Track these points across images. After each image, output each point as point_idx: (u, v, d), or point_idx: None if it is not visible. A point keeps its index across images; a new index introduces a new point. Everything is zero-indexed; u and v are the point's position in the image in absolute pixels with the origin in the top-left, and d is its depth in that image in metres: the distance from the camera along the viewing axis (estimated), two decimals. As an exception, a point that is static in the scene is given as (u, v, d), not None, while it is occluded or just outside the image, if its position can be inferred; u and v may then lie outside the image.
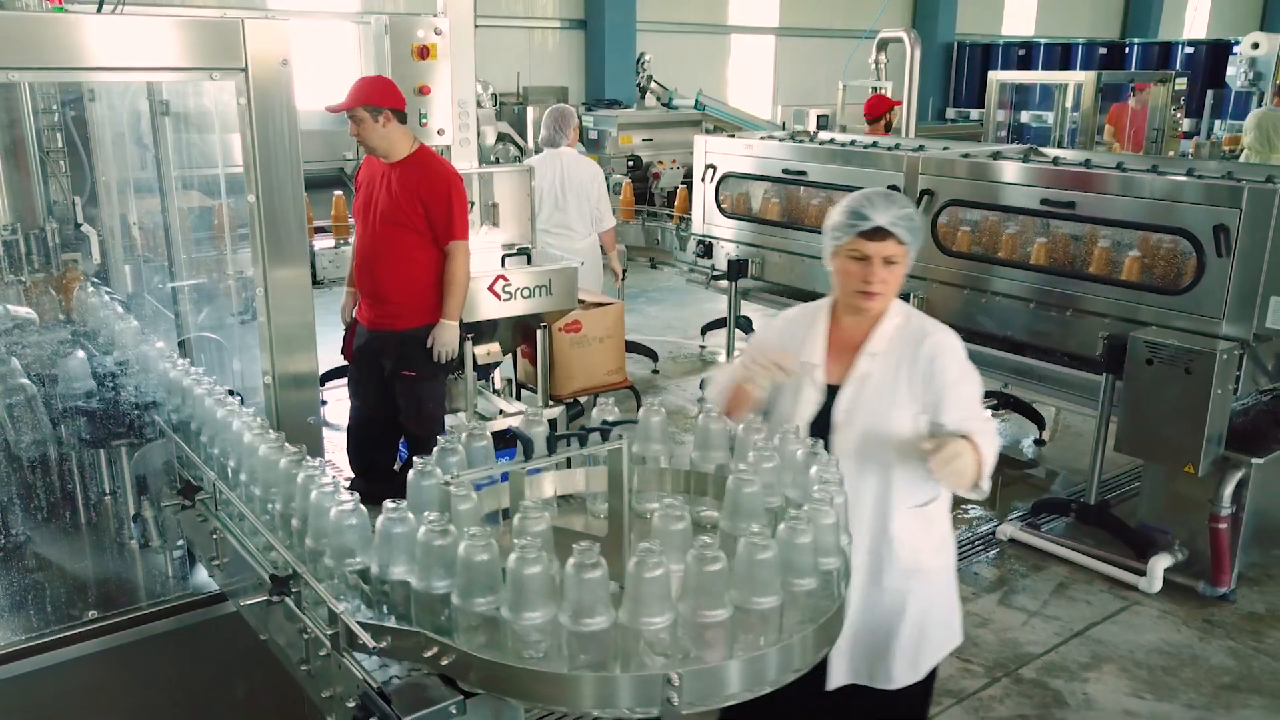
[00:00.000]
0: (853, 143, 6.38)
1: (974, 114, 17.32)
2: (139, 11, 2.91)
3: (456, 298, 4.33)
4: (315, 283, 6.10)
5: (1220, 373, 3.99)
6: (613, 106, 13.34)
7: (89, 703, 2.56)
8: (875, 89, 9.05)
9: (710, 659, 1.74)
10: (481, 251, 4.78)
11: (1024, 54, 17.02)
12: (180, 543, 2.74)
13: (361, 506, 1.95)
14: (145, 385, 2.81)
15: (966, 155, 5.32)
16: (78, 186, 4.11)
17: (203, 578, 2.67)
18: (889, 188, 5.16)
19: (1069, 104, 11.41)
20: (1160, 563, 4.36)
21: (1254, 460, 4.15)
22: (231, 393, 2.61)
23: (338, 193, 6.64)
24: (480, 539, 1.75)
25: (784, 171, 6.02)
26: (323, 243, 6.06)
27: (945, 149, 5.69)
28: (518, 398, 5.67)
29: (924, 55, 17.86)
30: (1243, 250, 4.07)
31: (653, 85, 14.21)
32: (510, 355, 5.56)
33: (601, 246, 6.34)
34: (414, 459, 2.03)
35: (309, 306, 2.76)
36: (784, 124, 12.55)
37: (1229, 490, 4.16)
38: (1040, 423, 6.10)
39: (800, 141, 6.45)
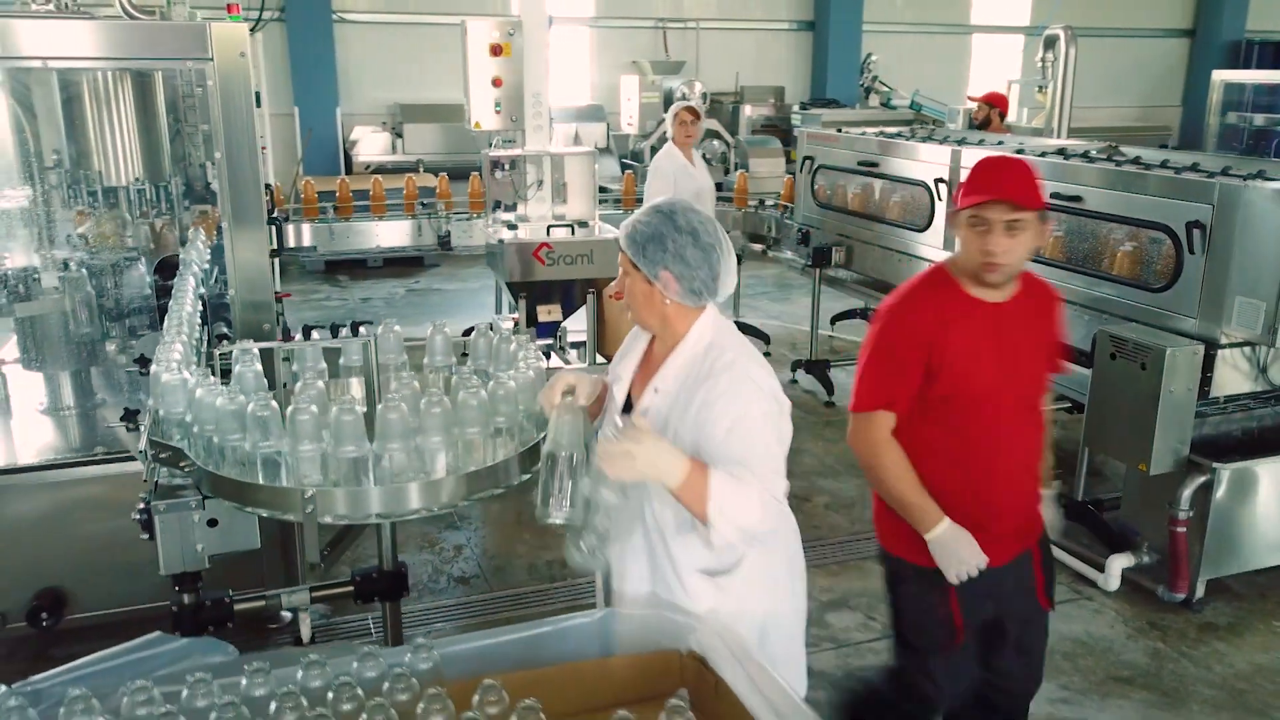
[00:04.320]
0: (946, 138, 6.46)
1: (1259, 119, 15.73)
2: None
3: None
4: (449, 249, 7.12)
5: (1173, 370, 3.93)
6: (829, 106, 13.62)
7: (78, 515, 3.54)
8: (1041, 88, 8.81)
9: (350, 485, 2.39)
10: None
11: (1323, 52, 15.24)
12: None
13: (185, 375, 2.73)
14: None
15: (1020, 151, 5.35)
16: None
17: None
18: (936, 181, 5.42)
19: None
20: (1118, 562, 4.30)
21: (1217, 465, 4.02)
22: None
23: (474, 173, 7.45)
24: (209, 384, 2.50)
25: (859, 164, 6.27)
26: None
27: (1001, 143, 5.72)
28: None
29: (1204, 55, 16.64)
30: (1214, 248, 3.97)
31: (877, 85, 14.32)
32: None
33: None
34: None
35: (265, 245, 3.63)
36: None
37: (1188, 493, 4.06)
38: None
39: (890, 136, 6.62)
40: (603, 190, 10.66)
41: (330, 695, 1.90)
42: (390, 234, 7.01)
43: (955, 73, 15.63)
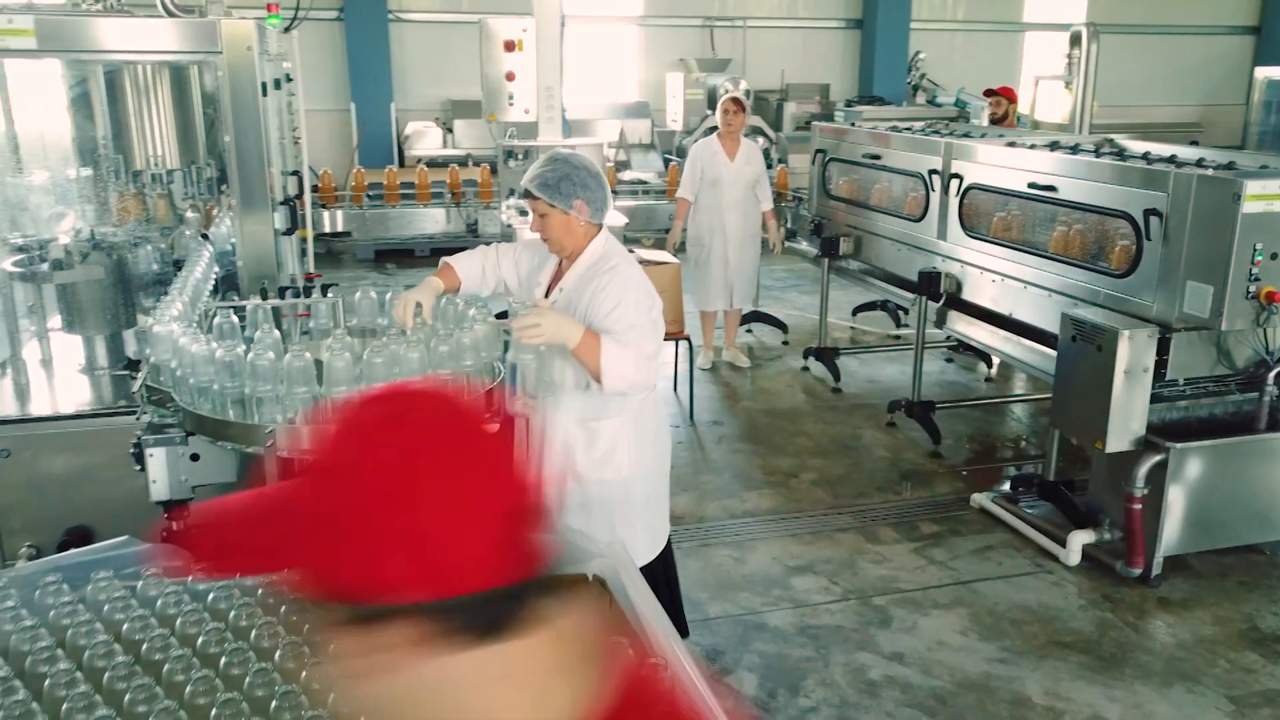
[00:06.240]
0: (953, 131, 6.60)
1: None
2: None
3: None
4: (476, 235, 7.46)
5: (1127, 352, 4.08)
6: (873, 103, 13.71)
7: (104, 460, 3.94)
8: (1067, 84, 8.84)
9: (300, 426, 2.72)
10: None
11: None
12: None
13: (173, 327, 3.10)
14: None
15: (1012, 145, 5.50)
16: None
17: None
18: (930, 172, 5.62)
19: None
20: (1079, 538, 4.45)
21: (1172, 445, 4.15)
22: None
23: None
24: (192, 335, 2.86)
25: (864, 156, 6.46)
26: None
27: (1001, 135, 5.87)
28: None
29: (1269, 52, 16.25)
30: (1170, 235, 4.11)
31: (925, 83, 14.36)
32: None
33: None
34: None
35: (270, 224, 3.99)
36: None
37: (1143, 471, 4.20)
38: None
39: (876, 128, 6.79)
40: (643, 183, 10.98)
41: (260, 591, 2.23)
42: (423, 221, 7.42)
43: (1007, 70, 15.54)
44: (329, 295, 3.13)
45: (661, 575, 3.38)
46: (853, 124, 7.19)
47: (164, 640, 2.01)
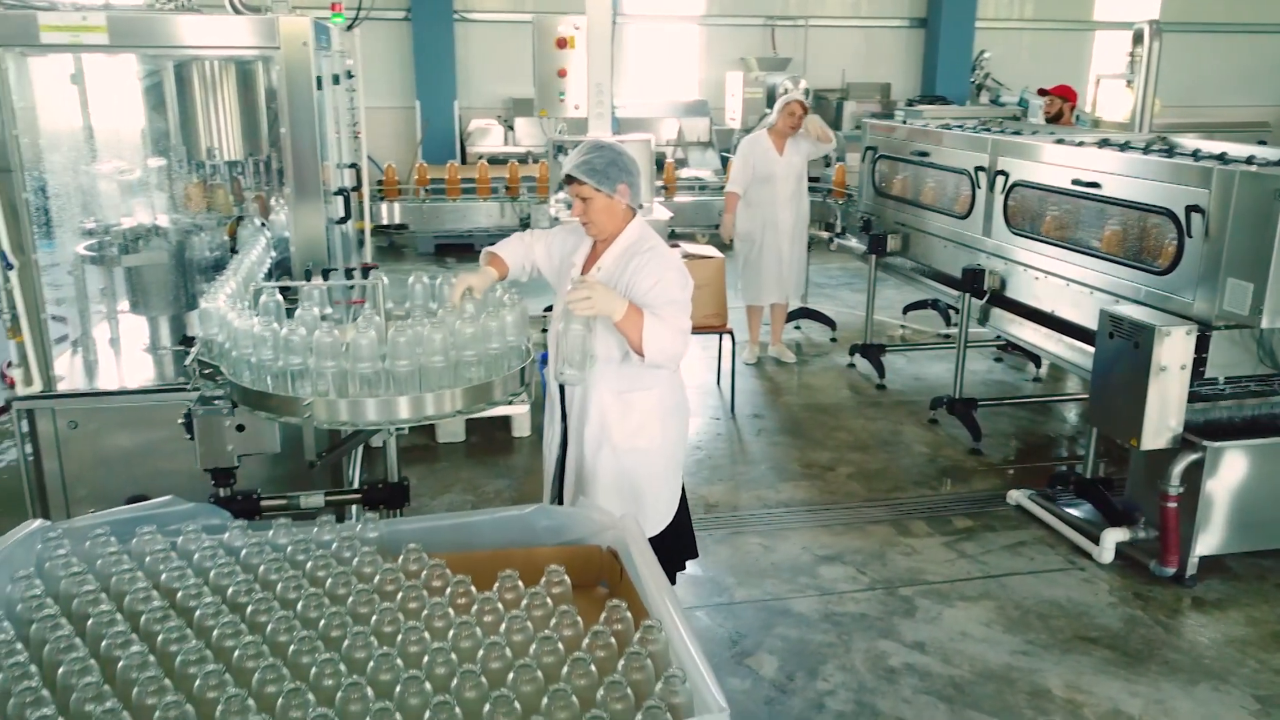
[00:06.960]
0: (1004, 129, 6.57)
1: None
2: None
3: None
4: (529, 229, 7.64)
5: (1164, 349, 4.06)
6: (934, 102, 13.59)
7: (165, 433, 4.16)
8: (1129, 82, 8.68)
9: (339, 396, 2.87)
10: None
11: None
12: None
13: (220, 305, 3.28)
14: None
15: (1061, 142, 5.47)
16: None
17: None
18: (976, 169, 5.63)
19: None
20: (1112, 535, 4.43)
21: (1209, 444, 4.12)
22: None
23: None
24: (238, 311, 3.03)
25: (912, 153, 6.47)
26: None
27: (1052, 133, 5.84)
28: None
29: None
30: (1211, 231, 4.07)
31: (989, 82, 14.21)
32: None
33: None
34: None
35: (322, 213, 4.17)
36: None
37: (1178, 470, 4.17)
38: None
39: (927, 125, 6.77)
40: (699, 179, 11.06)
41: (289, 548, 2.39)
42: (477, 215, 7.61)
43: (1075, 70, 15.27)
44: (370, 276, 3.29)
45: (675, 520, 3.48)
46: (904, 121, 7.17)
47: (198, 589, 2.17)
